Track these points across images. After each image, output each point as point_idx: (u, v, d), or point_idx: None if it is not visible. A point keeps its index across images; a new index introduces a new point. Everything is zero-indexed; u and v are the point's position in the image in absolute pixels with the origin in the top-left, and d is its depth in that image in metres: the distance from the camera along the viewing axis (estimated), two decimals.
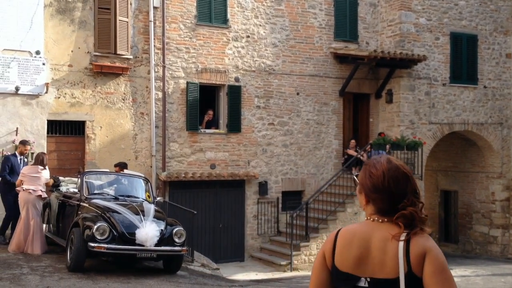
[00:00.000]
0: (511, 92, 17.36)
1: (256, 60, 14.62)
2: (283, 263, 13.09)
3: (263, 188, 14.54)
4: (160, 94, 13.36)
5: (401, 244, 2.06)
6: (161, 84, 13.35)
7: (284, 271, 12.89)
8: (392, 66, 15.53)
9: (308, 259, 13.36)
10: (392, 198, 2.15)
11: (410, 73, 15.82)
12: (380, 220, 2.18)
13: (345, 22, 15.94)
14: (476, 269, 14.14)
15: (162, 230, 8.70)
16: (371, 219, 2.21)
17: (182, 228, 9.06)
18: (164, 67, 13.35)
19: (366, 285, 2.11)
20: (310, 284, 2.28)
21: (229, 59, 14.24)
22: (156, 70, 13.31)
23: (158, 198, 10.56)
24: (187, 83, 13.63)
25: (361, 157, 14.92)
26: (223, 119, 14.37)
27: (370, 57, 14.69)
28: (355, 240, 2.17)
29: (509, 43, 17.34)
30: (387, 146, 15.02)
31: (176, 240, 8.83)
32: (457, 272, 12.86)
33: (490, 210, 17.43)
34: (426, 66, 16.06)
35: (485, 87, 17.01)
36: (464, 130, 16.87)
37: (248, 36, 14.50)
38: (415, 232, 2.09)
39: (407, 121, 15.78)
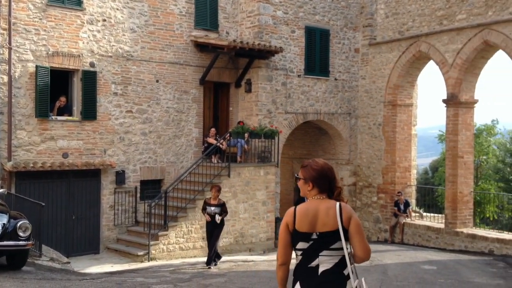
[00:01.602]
0: (358, 85, 18.71)
1: (113, 45, 14.13)
2: (141, 253, 12.88)
3: (120, 177, 14.15)
4: (5, 78, 12.39)
5: (338, 209, 3.41)
6: (7, 68, 12.38)
7: (142, 261, 12.69)
8: (251, 56, 15.91)
9: (166, 248, 13.29)
10: (328, 181, 3.51)
11: (268, 64, 16.35)
12: (321, 198, 3.50)
13: (206, 11, 16.00)
14: None
15: (4, 224, 8.38)
16: (315, 198, 3.51)
17: (27, 222, 8.63)
18: (10, 49, 12.41)
19: (316, 237, 3.40)
20: (278, 243, 3.52)
21: (83, 43, 13.60)
22: (1, 52, 12.32)
23: (1, 190, 9.82)
24: (37, 66, 12.78)
25: (221, 146, 15.16)
26: (77, 106, 13.70)
27: (230, 47, 14.91)
28: (309, 211, 3.44)
29: (358, 39, 18.63)
30: (246, 135, 15.45)
31: (21, 234, 8.46)
32: None
33: None
34: (283, 58, 16.70)
35: (335, 79, 18.14)
36: (317, 120, 17.87)
37: (104, 20, 13.94)
38: (343, 202, 3.47)
39: (265, 110, 16.31)
